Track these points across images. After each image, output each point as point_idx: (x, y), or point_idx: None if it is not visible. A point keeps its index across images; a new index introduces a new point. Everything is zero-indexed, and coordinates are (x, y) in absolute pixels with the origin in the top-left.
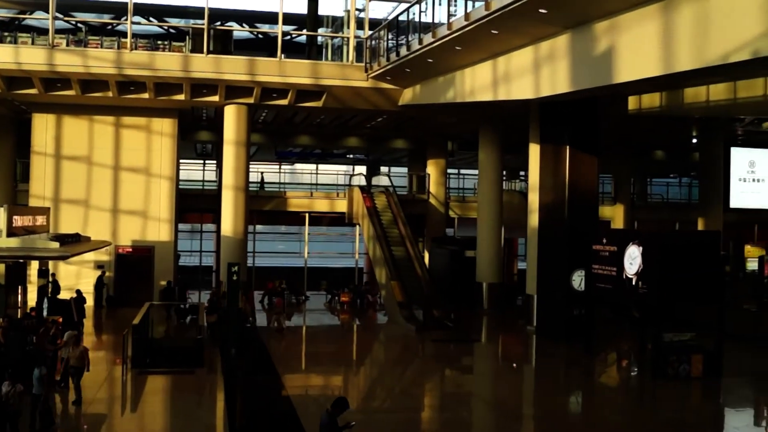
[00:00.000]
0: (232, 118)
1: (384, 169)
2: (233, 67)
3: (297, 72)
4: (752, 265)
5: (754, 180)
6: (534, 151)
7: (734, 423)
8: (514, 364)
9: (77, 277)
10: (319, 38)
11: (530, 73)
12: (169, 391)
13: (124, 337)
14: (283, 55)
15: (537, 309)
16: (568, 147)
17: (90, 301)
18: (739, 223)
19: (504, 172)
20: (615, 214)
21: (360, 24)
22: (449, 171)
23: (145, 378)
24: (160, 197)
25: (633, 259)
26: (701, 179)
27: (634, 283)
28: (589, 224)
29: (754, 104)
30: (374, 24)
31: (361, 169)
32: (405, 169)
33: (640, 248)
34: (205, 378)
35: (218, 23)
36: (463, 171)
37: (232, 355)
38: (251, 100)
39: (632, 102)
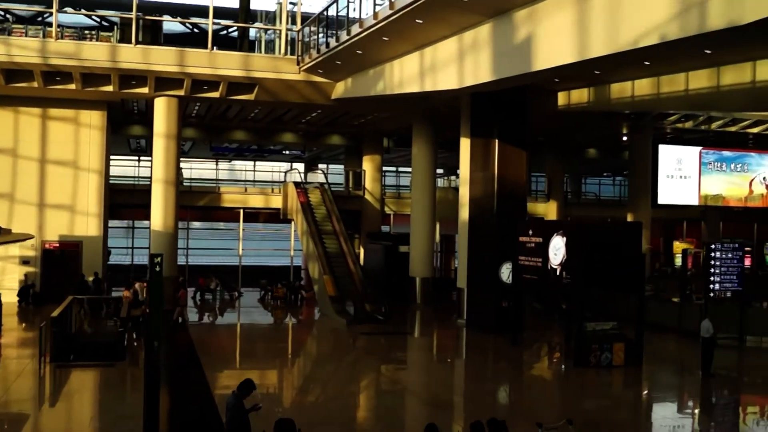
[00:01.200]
0: (162, 110)
1: (322, 166)
2: (162, 58)
3: (228, 64)
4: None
5: (681, 177)
6: (464, 144)
7: (652, 408)
8: (449, 359)
9: (1, 273)
10: (252, 34)
11: (455, 63)
12: (87, 385)
13: (41, 330)
14: (214, 48)
15: (467, 302)
16: (497, 141)
17: (11, 298)
18: (669, 220)
19: (441, 170)
20: (548, 211)
21: (294, 18)
22: (386, 168)
23: (63, 371)
24: (88, 191)
25: (557, 249)
26: (631, 176)
27: (558, 273)
28: (518, 217)
29: (676, 99)
30: (308, 18)
31: (299, 166)
32: (342, 167)
33: (564, 239)
34: (126, 371)
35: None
36: (400, 168)
37: (155, 348)
38: (182, 93)
39: (562, 98)
